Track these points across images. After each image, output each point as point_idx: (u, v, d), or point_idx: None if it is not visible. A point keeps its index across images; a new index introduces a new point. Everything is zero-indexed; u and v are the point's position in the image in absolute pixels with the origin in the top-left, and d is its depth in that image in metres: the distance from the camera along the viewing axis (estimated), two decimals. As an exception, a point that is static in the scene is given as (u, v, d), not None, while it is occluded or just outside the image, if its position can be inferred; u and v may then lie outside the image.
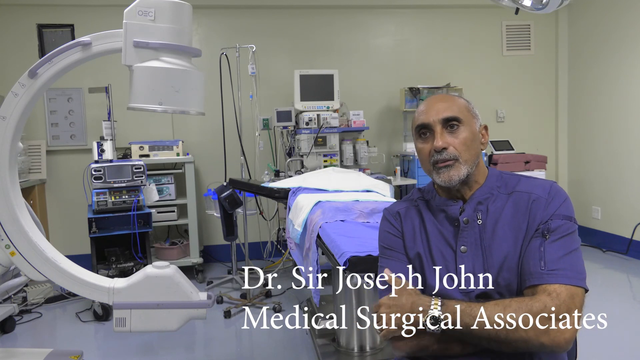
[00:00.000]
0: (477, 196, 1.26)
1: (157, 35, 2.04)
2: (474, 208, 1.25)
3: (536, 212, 1.20)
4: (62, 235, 4.57)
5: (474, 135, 1.26)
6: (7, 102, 2.16)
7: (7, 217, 2.22)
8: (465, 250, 1.23)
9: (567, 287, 1.11)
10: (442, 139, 1.23)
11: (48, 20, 4.46)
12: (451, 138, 1.23)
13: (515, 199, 1.24)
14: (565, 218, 1.19)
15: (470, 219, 1.24)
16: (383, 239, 1.37)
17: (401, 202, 1.41)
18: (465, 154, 1.23)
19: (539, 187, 1.24)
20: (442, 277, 1.24)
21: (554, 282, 1.11)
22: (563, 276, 1.12)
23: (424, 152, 1.27)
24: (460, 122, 1.24)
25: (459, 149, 1.23)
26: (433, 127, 1.25)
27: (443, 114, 1.24)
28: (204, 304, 2.29)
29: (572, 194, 5.27)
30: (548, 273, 1.12)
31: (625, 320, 3.18)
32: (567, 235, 1.17)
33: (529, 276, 1.15)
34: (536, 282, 1.13)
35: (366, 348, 2.62)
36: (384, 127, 5.08)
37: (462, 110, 1.26)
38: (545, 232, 1.17)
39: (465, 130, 1.24)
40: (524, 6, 2.66)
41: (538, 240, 1.17)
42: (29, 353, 2.68)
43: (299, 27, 4.90)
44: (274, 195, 3.21)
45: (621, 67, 4.55)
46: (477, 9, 5.10)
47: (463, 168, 1.23)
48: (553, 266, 1.13)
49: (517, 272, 1.18)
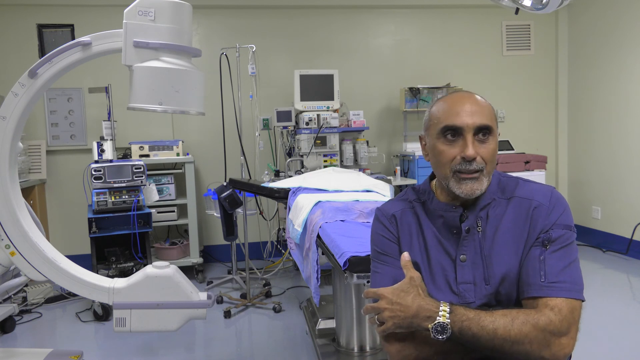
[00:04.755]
0: (480, 204, 1.21)
1: (157, 35, 2.05)
2: (476, 216, 1.20)
3: (537, 220, 1.17)
4: (62, 235, 4.57)
5: (497, 145, 1.20)
6: (7, 102, 2.16)
7: (7, 217, 2.22)
8: (465, 260, 1.19)
9: (567, 300, 1.09)
10: (475, 148, 1.14)
11: (48, 20, 4.46)
12: (480, 147, 1.15)
13: (516, 205, 1.20)
14: (566, 227, 1.16)
15: (471, 227, 1.20)
16: (377, 242, 1.30)
17: (395, 203, 1.33)
18: (490, 165, 1.17)
19: (539, 194, 1.20)
20: (441, 289, 1.20)
21: (554, 296, 1.09)
22: (563, 289, 1.10)
23: (446, 156, 1.17)
24: (491, 131, 1.17)
25: (487, 160, 1.16)
26: (464, 133, 1.15)
27: (478, 120, 1.15)
28: (204, 304, 2.29)
29: (572, 194, 5.27)
30: (548, 286, 1.10)
31: (625, 320, 3.18)
32: (567, 245, 1.15)
33: (527, 287, 1.13)
34: (535, 295, 1.11)
35: (366, 348, 2.62)
36: (384, 127, 5.08)
37: (492, 118, 1.18)
38: (546, 241, 1.14)
39: (493, 140, 1.17)
40: (524, 6, 2.66)
41: (538, 249, 1.14)
42: (29, 353, 2.68)
43: (299, 27, 4.90)
44: (274, 195, 3.21)
45: (621, 67, 4.55)
46: (477, 9, 5.10)
47: (485, 181, 1.17)
48: (553, 279, 1.11)
49: (517, 282, 1.16)
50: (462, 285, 1.18)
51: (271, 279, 4.21)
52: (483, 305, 1.17)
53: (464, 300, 1.17)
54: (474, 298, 1.17)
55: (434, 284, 1.21)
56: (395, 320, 1.11)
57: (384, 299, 1.12)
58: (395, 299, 1.12)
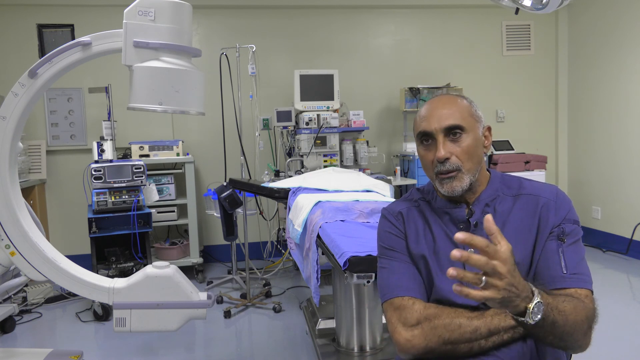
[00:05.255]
0: (483, 198, 1.25)
1: (157, 35, 2.05)
2: (482, 210, 1.23)
3: (547, 215, 1.19)
4: (62, 235, 4.57)
5: (477, 142, 1.23)
6: (7, 102, 2.16)
7: (7, 217, 2.22)
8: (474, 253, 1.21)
9: (588, 292, 1.13)
10: (444, 149, 1.19)
11: (48, 20, 4.46)
12: (453, 146, 1.20)
13: (523, 201, 1.23)
14: (575, 223, 1.20)
15: (479, 221, 1.22)
16: (384, 239, 1.33)
17: (401, 202, 1.37)
18: (467, 163, 1.20)
19: (546, 191, 1.24)
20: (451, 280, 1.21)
21: (578, 287, 1.12)
22: (584, 280, 1.13)
23: (426, 160, 1.24)
24: (463, 130, 1.20)
25: (461, 158, 1.20)
26: (435, 136, 1.21)
27: (445, 122, 1.20)
28: (204, 304, 2.29)
29: (572, 194, 5.27)
30: (571, 277, 1.13)
31: (625, 320, 3.18)
32: (579, 240, 1.19)
33: (550, 279, 1.14)
34: (559, 286, 1.13)
35: (366, 348, 2.62)
36: (384, 127, 5.08)
37: (465, 117, 1.22)
38: (561, 235, 1.17)
39: (468, 137, 1.21)
40: (524, 6, 2.65)
41: (554, 243, 1.17)
42: (29, 353, 2.68)
43: (299, 27, 4.90)
44: (274, 195, 3.21)
45: (621, 67, 4.55)
46: (477, 9, 5.10)
47: (466, 178, 1.20)
48: (574, 270, 1.13)
49: (526, 275, 1.17)
50: None
51: (271, 279, 4.21)
52: None
53: None
54: None
55: (444, 275, 1.20)
56: (504, 294, 0.94)
57: (501, 269, 0.92)
58: (512, 270, 0.94)
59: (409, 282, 1.25)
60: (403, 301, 1.22)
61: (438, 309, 1.19)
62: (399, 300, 1.23)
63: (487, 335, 1.13)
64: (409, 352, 1.18)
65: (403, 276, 1.26)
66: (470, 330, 1.13)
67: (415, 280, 1.25)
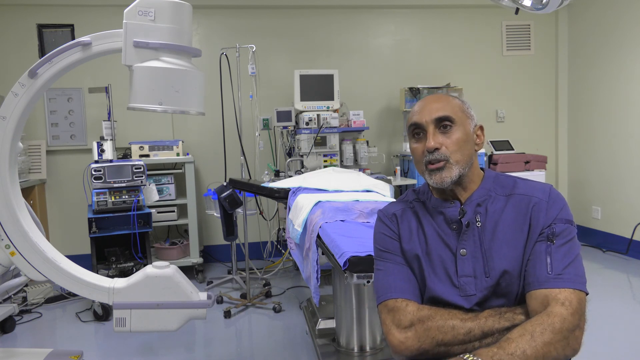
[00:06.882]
0: (475, 198, 1.25)
1: (157, 35, 2.05)
2: (474, 210, 1.24)
3: (538, 215, 1.19)
4: (62, 235, 4.57)
5: (467, 136, 1.24)
6: (7, 102, 2.16)
7: (7, 217, 2.22)
8: (465, 254, 1.22)
9: (575, 292, 1.11)
10: (434, 139, 1.22)
11: (48, 20, 4.46)
12: (443, 138, 1.22)
13: (515, 201, 1.23)
14: (567, 222, 1.19)
15: (470, 221, 1.23)
16: (379, 241, 1.34)
17: (396, 204, 1.38)
18: (456, 154, 1.22)
19: (538, 191, 1.23)
20: (442, 281, 1.22)
21: (562, 287, 1.11)
22: (569, 281, 1.12)
23: (417, 152, 1.26)
24: (453, 122, 1.23)
25: (450, 149, 1.21)
26: (426, 127, 1.23)
27: (436, 113, 1.23)
28: (204, 304, 2.29)
29: (572, 194, 5.27)
30: (555, 278, 1.12)
31: (625, 320, 3.18)
32: (571, 240, 1.17)
33: (534, 280, 1.14)
34: (543, 287, 1.12)
35: (366, 348, 2.62)
36: (384, 127, 5.08)
37: (456, 111, 1.24)
38: (551, 236, 1.16)
39: (458, 130, 1.23)
40: (524, 6, 2.66)
41: (543, 244, 1.16)
42: (29, 353, 2.68)
43: (299, 27, 4.90)
44: (274, 195, 3.21)
45: (621, 67, 4.55)
46: (477, 9, 5.10)
47: (455, 169, 1.21)
48: (560, 271, 1.13)
49: (518, 276, 1.18)
50: (462, 279, 1.21)
51: (271, 279, 4.21)
52: (483, 299, 1.19)
53: (465, 293, 1.20)
54: (475, 290, 1.20)
55: (436, 276, 1.23)
56: None
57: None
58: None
59: (402, 284, 1.25)
60: (396, 303, 1.23)
61: (432, 310, 1.19)
62: (393, 302, 1.23)
63: (480, 337, 1.13)
64: (402, 354, 1.19)
65: (397, 278, 1.26)
66: (463, 332, 1.14)
67: (410, 281, 1.26)
